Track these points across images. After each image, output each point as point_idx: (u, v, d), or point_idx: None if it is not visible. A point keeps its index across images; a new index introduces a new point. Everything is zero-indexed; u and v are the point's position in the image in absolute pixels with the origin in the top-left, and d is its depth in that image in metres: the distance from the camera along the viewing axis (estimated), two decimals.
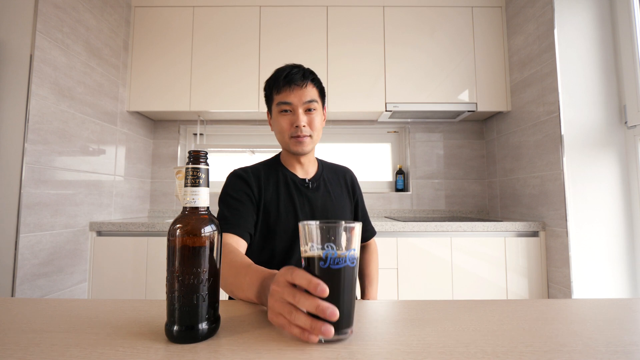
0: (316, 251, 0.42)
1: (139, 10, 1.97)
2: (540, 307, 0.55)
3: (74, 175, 1.53)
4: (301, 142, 0.85)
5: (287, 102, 0.84)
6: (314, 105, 0.85)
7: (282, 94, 0.84)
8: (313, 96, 0.85)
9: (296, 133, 0.84)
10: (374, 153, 2.34)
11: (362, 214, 1.03)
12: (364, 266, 1.04)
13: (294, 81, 0.83)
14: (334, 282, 0.41)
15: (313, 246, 0.42)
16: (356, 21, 1.97)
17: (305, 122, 0.84)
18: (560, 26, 1.56)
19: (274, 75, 0.87)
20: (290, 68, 0.85)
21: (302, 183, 0.91)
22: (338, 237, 0.41)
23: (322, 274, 0.41)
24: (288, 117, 0.85)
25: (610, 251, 1.46)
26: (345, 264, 0.41)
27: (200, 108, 1.93)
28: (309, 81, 0.85)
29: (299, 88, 0.83)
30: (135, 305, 0.55)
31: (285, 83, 0.83)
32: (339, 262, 0.41)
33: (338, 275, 0.41)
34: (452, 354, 0.38)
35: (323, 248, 0.41)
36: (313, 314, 0.39)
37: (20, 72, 1.29)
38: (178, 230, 0.43)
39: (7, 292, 1.24)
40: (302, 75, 0.84)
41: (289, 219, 0.86)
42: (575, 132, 1.52)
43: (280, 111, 0.85)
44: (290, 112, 0.85)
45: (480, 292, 1.58)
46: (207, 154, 0.46)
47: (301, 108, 0.84)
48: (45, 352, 0.38)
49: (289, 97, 0.83)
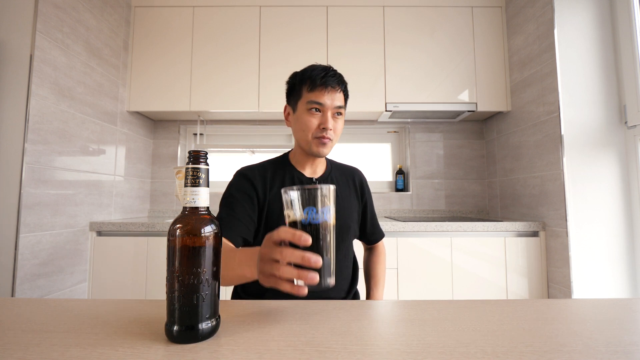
0: (298, 212, 0.47)
1: (139, 10, 1.97)
2: (540, 307, 0.55)
3: (74, 175, 1.53)
4: (324, 143, 0.85)
5: (320, 103, 0.83)
6: (341, 111, 0.86)
7: (315, 92, 0.83)
8: (342, 102, 0.86)
9: (321, 134, 0.84)
10: (374, 153, 2.34)
11: (371, 216, 1.02)
12: (370, 267, 1.03)
13: (331, 84, 0.83)
14: (315, 236, 0.46)
15: (295, 207, 0.48)
16: (356, 21, 1.97)
17: (332, 126, 0.84)
18: (560, 26, 1.56)
19: (308, 73, 0.85)
20: (327, 70, 0.84)
21: (309, 182, 0.90)
22: (316, 198, 0.47)
23: (303, 229, 0.47)
24: (317, 117, 0.84)
25: (610, 251, 1.46)
26: (323, 219, 0.47)
27: (200, 108, 1.93)
28: (342, 87, 0.86)
29: (334, 91, 0.83)
30: (135, 305, 0.55)
31: (322, 84, 0.82)
32: (317, 218, 0.47)
33: (317, 229, 0.47)
34: (452, 354, 0.38)
35: (304, 208, 0.47)
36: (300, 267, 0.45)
37: (20, 72, 1.29)
38: (178, 230, 0.43)
39: (7, 292, 1.24)
40: (338, 81, 0.84)
41: None
42: (575, 132, 1.52)
43: (310, 109, 0.84)
44: (319, 112, 0.84)
45: (480, 292, 1.58)
46: (207, 154, 0.46)
47: (331, 111, 0.84)
48: (45, 352, 0.38)
49: (322, 98, 0.82)
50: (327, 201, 0.48)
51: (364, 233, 1.02)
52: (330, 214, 0.48)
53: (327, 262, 0.47)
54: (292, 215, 0.48)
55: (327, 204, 0.48)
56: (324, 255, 0.46)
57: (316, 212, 0.47)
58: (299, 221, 0.47)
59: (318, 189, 0.47)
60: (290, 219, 0.48)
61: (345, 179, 0.97)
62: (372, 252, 1.07)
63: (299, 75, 0.87)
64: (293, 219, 0.48)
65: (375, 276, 1.01)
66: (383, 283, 1.01)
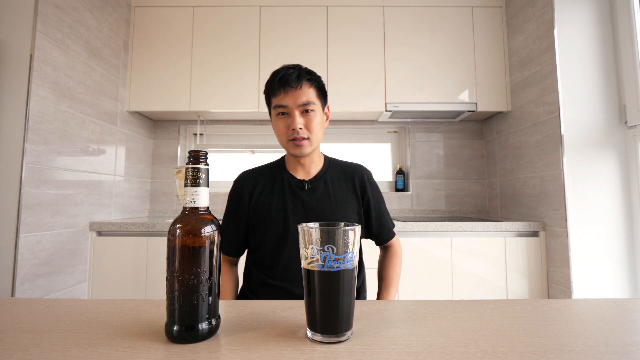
0: (315, 254, 0.42)
1: (139, 10, 1.97)
2: (540, 307, 0.55)
3: (74, 175, 1.53)
4: (299, 145, 0.83)
5: (283, 105, 0.82)
6: (310, 107, 0.83)
7: (277, 96, 0.83)
8: (309, 97, 0.83)
9: (293, 136, 0.83)
10: (374, 153, 2.34)
11: (378, 214, 0.95)
12: (382, 269, 0.98)
13: (288, 83, 0.81)
14: (333, 285, 0.41)
15: (313, 249, 0.42)
16: (356, 21, 1.97)
17: (301, 125, 0.82)
18: (560, 26, 1.56)
19: (269, 78, 0.85)
20: (286, 69, 0.83)
21: (299, 185, 0.90)
22: (336, 240, 0.41)
23: (320, 276, 0.41)
24: (284, 120, 0.84)
25: (610, 251, 1.46)
26: (344, 266, 0.41)
27: (200, 108, 1.93)
28: (305, 81, 0.82)
29: (293, 90, 0.81)
30: (135, 305, 0.55)
31: (280, 85, 0.81)
32: (337, 265, 0.41)
33: (337, 278, 0.41)
34: (452, 354, 0.38)
35: (322, 251, 0.41)
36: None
37: (20, 72, 1.29)
38: (178, 230, 0.43)
39: (7, 292, 1.24)
40: (297, 76, 0.81)
41: (278, 222, 0.86)
42: (575, 132, 1.52)
43: (277, 114, 0.84)
44: (287, 114, 0.83)
45: (480, 292, 1.58)
46: (207, 154, 0.46)
47: (297, 110, 0.82)
48: (45, 352, 0.38)
49: (284, 100, 0.82)
50: (350, 245, 0.42)
51: (370, 232, 0.96)
52: (354, 259, 0.42)
53: (345, 315, 0.42)
54: (308, 255, 0.43)
55: (350, 249, 0.42)
56: (341, 306, 0.42)
57: (335, 257, 0.41)
58: (315, 266, 0.42)
59: (339, 228, 0.42)
60: (306, 258, 0.43)
61: (343, 178, 0.93)
62: (386, 252, 1.00)
63: (266, 82, 0.87)
64: (309, 259, 0.43)
65: (387, 278, 0.95)
66: (396, 286, 0.95)
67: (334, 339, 0.41)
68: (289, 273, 0.85)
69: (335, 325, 0.41)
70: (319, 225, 0.43)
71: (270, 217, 0.87)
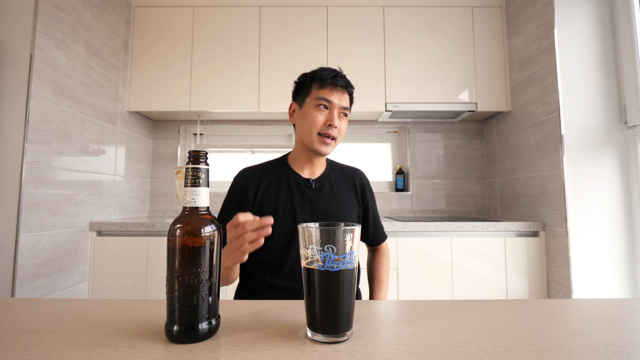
0: (315, 254, 0.42)
1: (139, 10, 1.97)
2: (540, 307, 0.55)
3: (74, 175, 1.53)
4: (327, 143, 0.87)
5: (328, 100, 0.85)
6: (347, 112, 0.89)
7: (325, 90, 0.86)
8: (348, 104, 0.90)
9: (326, 131, 0.86)
10: (374, 153, 2.34)
11: (373, 217, 1.00)
12: (373, 269, 1.02)
13: (340, 84, 0.86)
14: (333, 285, 0.41)
15: (313, 249, 0.42)
16: (356, 21, 1.97)
17: (337, 124, 0.86)
18: (560, 26, 1.56)
19: (319, 72, 0.88)
20: (336, 71, 0.88)
21: (305, 183, 0.90)
22: (336, 240, 0.41)
23: (320, 276, 0.42)
24: (324, 113, 0.86)
25: (610, 251, 1.46)
26: (343, 266, 0.42)
27: (200, 108, 1.93)
28: (348, 89, 0.90)
29: (341, 92, 0.87)
30: (135, 305, 0.55)
31: (332, 83, 0.86)
32: (337, 265, 0.41)
33: (337, 278, 0.41)
34: (452, 354, 0.38)
35: (322, 251, 0.41)
36: None
37: (20, 72, 1.29)
38: (178, 230, 0.43)
39: (7, 292, 1.24)
40: (347, 83, 0.89)
41: (286, 220, 0.86)
42: (575, 132, 1.52)
43: (318, 105, 0.86)
44: (327, 109, 0.87)
45: (480, 292, 1.58)
46: (207, 154, 0.46)
47: (337, 110, 0.87)
48: (45, 352, 0.38)
49: (331, 96, 0.86)
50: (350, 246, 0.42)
51: (366, 235, 1.01)
52: (353, 259, 0.43)
53: (345, 315, 0.42)
54: (308, 254, 0.43)
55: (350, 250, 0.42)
56: (341, 306, 0.42)
57: (335, 257, 0.41)
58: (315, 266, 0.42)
59: (340, 228, 0.42)
60: (306, 258, 0.43)
61: (345, 180, 0.96)
62: (376, 253, 1.05)
63: (310, 74, 0.90)
64: (309, 258, 0.43)
65: (379, 278, 1.00)
66: (387, 285, 1.00)
67: (334, 339, 0.41)
68: (297, 273, 0.85)
69: (335, 325, 0.41)
70: (319, 225, 0.43)
71: (277, 215, 0.86)
